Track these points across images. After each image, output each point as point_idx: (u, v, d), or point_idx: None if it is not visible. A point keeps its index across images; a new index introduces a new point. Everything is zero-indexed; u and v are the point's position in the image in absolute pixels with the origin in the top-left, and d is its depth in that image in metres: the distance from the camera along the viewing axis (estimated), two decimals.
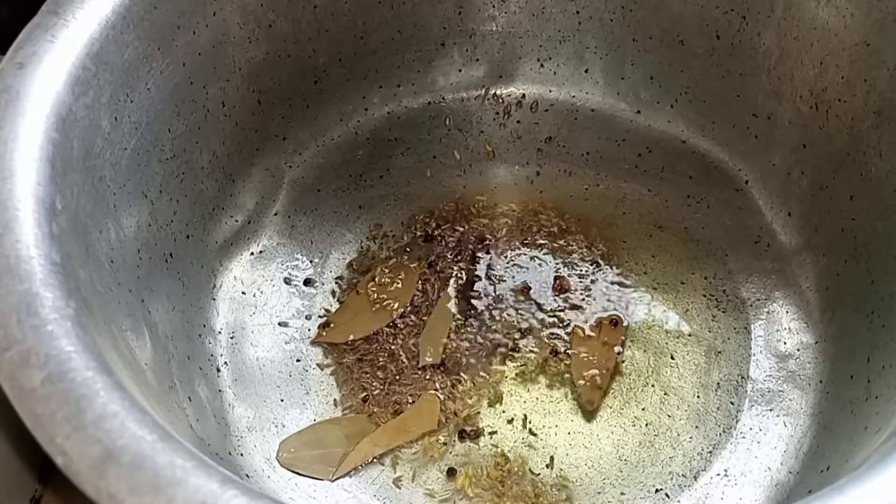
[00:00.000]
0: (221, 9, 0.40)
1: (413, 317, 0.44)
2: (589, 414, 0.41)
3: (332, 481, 0.39)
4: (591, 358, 0.42)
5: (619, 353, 0.42)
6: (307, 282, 0.45)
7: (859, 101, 0.40)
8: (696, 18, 0.46)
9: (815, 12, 0.42)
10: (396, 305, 0.44)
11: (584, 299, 0.44)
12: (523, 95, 0.51)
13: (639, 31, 0.48)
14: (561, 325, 0.44)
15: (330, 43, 0.46)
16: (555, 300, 0.44)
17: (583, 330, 0.43)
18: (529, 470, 0.40)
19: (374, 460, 0.40)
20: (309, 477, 0.39)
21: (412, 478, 0.40)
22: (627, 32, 0.48)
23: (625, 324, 0.43)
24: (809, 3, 0.42)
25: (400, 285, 0.45)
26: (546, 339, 0.43)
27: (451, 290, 0.45)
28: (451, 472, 0.40)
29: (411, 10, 0.47)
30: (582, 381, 0.42)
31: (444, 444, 0.40)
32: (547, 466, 0.40)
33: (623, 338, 0.43)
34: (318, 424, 0.41)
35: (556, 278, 0.45)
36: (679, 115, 0.49)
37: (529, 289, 0.45)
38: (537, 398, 0.42)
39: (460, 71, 0.50)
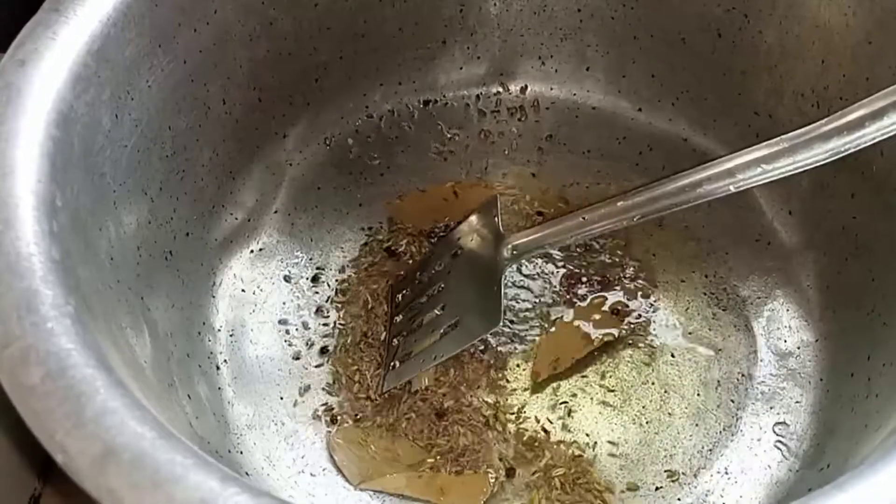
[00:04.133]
0: (222, 6, 0.40)
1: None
2: (536, 385, 0.41)
3: (355, 488, 0.39)
4: (559, 343, 0.42)
5: (596, 338, 0.42)
6: (307, 279, 0.45)
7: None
8: (697, 16, 0.46)
9: (817, 10, 0.41)
10: None
11: (581, 300, 0.44)
12: (524, 93, 0.51)
13: (640, 29, 0.48)
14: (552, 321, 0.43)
15: (331, 41, 0.46)
16: (555, 299, 0.44)
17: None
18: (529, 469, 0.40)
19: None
20: (339, 472, 0.39)
21: None
22: (629, 30, 0.48)
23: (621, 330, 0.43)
24: (811, 1, 0.41)
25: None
26: (544, 339, 0.43)
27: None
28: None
29: (412, 8, 0.47)
30: (542, 356, 0.42)
31: None
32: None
33: (612, 330, 0.43)
34: (381, 434, 0.40)
35: (564, 276, 0.45)
36: (680, 114, 0.49)
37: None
38: (538, 397, 0.42)
39: (461, 69, 0.50)
